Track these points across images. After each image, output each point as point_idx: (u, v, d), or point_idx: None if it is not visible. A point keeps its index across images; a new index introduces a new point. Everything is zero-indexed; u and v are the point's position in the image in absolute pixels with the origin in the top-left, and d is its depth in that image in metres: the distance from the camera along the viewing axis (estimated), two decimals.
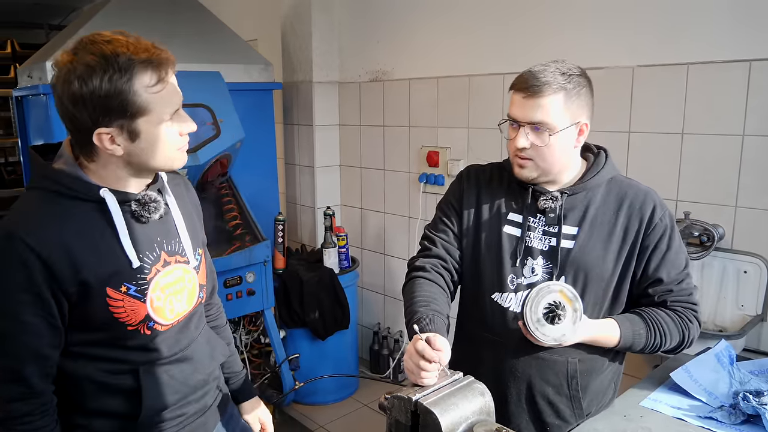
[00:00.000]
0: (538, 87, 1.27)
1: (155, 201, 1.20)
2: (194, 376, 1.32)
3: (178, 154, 1.18)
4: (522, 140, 1.31)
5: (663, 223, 1.36)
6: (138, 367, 1.21)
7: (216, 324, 1.55)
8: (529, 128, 1.30)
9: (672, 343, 1.37)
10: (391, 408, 1.06)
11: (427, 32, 3.09)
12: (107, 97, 1.05)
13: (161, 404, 1.25)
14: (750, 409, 1.34)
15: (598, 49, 2.38)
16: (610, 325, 1.34)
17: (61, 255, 1.09)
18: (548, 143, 1.30)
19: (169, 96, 1.12)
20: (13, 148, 5.49)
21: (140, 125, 1.10)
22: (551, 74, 1.28)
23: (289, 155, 3.84)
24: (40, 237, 1.07)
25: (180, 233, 1.27)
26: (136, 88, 1.07)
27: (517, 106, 1.32)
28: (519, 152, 1.33)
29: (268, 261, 2.93)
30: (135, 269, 1.16)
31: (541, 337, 1.25)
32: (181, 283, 1.26)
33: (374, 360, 3.60)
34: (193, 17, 3.22)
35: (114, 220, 1.14)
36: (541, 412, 1.42)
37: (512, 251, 1.40)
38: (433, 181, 3.12)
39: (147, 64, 1.08)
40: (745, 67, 2.01)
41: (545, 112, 1.28)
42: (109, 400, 1.21)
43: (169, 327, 1.25)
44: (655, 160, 2.27)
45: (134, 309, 1.17)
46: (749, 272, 2.03)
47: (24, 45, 5.41)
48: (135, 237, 1.17)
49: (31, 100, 3.05)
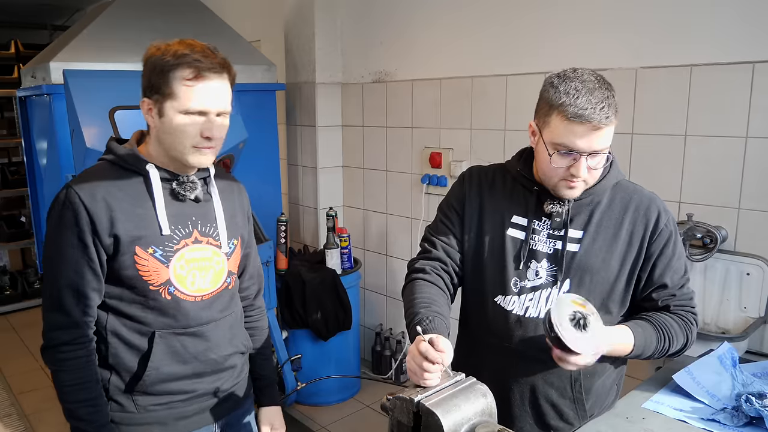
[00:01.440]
0: (608, 118, 1.22)
1: (192, 182, 1.37)
2: (207, 353, 1.42)
3: (193, 151, 1.31)
4: (585, 170, 1.27)
5: (668, 229, 1.36)
6: (155, 331, 1.35)
7: (256, 326, 1.64)
8: (590, 155, 1.27)
9: (677, 346, 1.37)
10: (393, 409, 1.06)
11: (430, 34, 3.09)
12: (151, 72, 1.28)
13: (167, 370, 1.36)
14: (752, 411, 1.33)
15: (602, 50, 2.38)
16: (625, 332, 1.32)
17: (103, 210, 1.28)
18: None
19: (200, 95, 1.28)
20: (16, 148, 5.50)
21: (166, 107, 1.28)
22: (604, 98, 1.23)
23: (292, 156, 3.85)
24: (89, 192, 1.28)
25: (218, 219, 1.42)
26: (176, 75, 1.26)
27: (581, 138, 1.24)
28: (576, 177, 1.29)
29: (271, 262, 2.94)
30: (164, 236, 1.33)
31: (583, 350, 1.17)
32: (209, 262, 1.40)
33: (376, 361, 3.60)
34: (196, 18, 3.23)
35: (153, 190, 1.32)
36: (544, 414, 1.41)
37: (516, 254, 1.39)
38: (435, 183, 3.12)
39: (196, 62, 1.26)
40: (749, 68, 2.01)
41: (608, 137, 1.26)
42: (127, 357, 1.35)
43: (192, 299, 1.38)
44: (658, 162, 2.27)
45: (157, 271, 1.33)
46: (752, 274, 2.02)
47: (28, 45, 5.42)
48: (170, 211, 1.34)
49: (35, 100, 3.06)
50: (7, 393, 3.62)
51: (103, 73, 2.56)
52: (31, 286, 5.11)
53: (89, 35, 2.85)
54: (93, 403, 1.30)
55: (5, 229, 5.12)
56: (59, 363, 1.28)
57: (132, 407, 1.36)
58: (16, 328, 4.69)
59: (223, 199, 1.44)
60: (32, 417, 3.31)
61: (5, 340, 4.44)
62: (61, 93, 2.45)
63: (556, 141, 1.26)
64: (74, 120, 2.31)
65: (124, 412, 1.36)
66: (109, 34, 2.85)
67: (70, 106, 2.35)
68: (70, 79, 2.34)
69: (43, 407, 3.37)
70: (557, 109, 1.24)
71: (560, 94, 1.24)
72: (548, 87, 1.28)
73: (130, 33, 2.85)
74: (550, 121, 1.27)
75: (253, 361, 1.61)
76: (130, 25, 2.90)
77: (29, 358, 4.04)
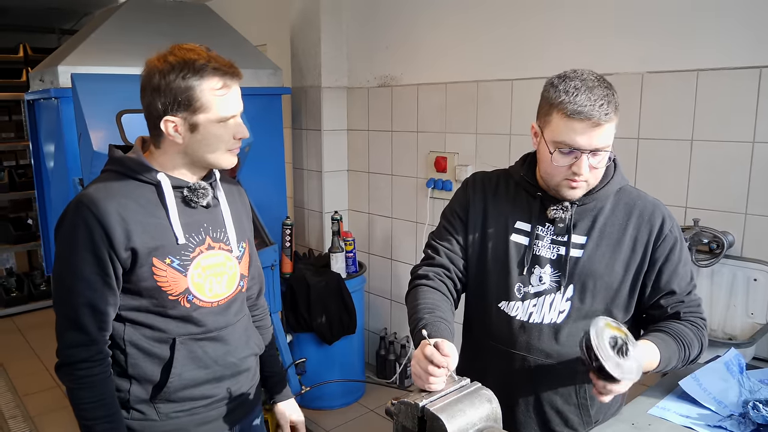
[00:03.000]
0: (609, 115, 1.23)
1: (204, 188, 1.36)
2: (226, 357, 1.43)
3: (227, 155, 1.34)
4: (586, 168, 1.27)
5: (672, 235, 1.35)
6: (175, 337, 1.35)
7: (261, 325, 1.65)
8: (591, 153, 1.27)
9: (695, 353, 1.35)
10: (397, 413, 1.06)
11: (436, 38, 3.10)
12: (177, 91, 1.25)
13: (190, 376, 1.37)
14: (760, 418, 1.33)
15: (608, 55, 2.37)
16: (653, 350, 1.28)
17: (118, 223, 1.25)
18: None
19: (230, 102, 1.29)
20: (24, 151, 5.53)
21: (200, 120, 1.28)
22: (604, 95, 1.23)
23: (297, 160, 3.86)
24: (102, 207, 1.25)
25: (226, 224, 1.42)
26: (203, 87, 1.26)
27: (581, 135, 1.24)
28: (578, 177, 1.29)
29: (276, 265, 2.94)
30: (180, 245, 1.32)
31: (629, 377, 1.13)
32: (222, 268, 1.40)
33: (381, 365, 3.59)
34: (202, 22, 3.24)
35: (166, 200, 1.31)
36: (549, 420, 1.41)
37: (519, 260, 1.39)
38: (440, 187, 3.12)
39: (217, 71, 1.27)
40: (756, 73, 2.00)
41: (609, 135, 1.26)
42: (148, 366, 1.34)
43: (209, 305, 1.38)
44: (664, 167, 2.26)
45: (176, 281, 1.32)
46: (759, 280, 2.01)
47: (36, 49, 5.46)
48: (184, 219, 1.34)
49: (43, 103, 3.08)
50: (12, 395, 3.63)
51: (110, 76, 2.57)
52: (38, 288, 5.13)
53: (97, 39, 2.87)
54: (111, 419, 1.29)
55: (12, 231, 5.15)
56: (77, 380, 1.27)
57: (154, 415, 1.36)
58: (22, 329, 4.71)
59: (229, 203, 1.45)
60: (37, 419, 3.32)
61: (11, 342, 4.45)
62: (69, 96, 2.46)
63: (556, 139, 1.27)
64: (82, 123, 2.33)
65: (146, 421, 1.36)
66: (117, 38, 2.87)
67: (77, 110, 2.36)
68: (77, 83, 2.35)
69: (48, 409, 3.38)
70: (557, 107, 1.25)
71: (560, 93, 1.25)
72: (548, 87, 1.29)
73: (137, 37, 2.87)
74: (550, 120, 1.28)
75: (262, 360, 1.61)
76: (138, 29, 2.92)
77: (35, 360, 4.05)
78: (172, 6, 3.19)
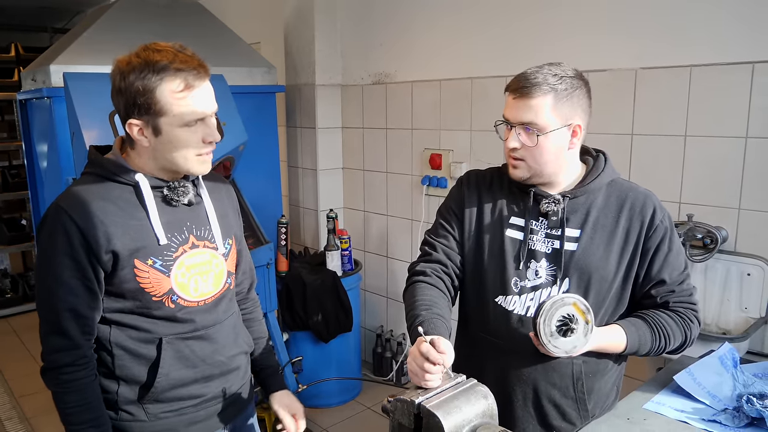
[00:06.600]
0: (528, 88, 1.29)
1: (184, 186, 1.34)
2: (214, 356, 1.41)
3: (196, 159, 1.29)
4: (513, 141, 1.34)
5: (663, 225, 1.36)
6: (162, 337, 1.33)
7: (251, 317, 1.64)
8: (521, 129, 1.32)
9: (675, 344, 1.38)
10: (394, 411, 1.06)
11: (430, 35, 3.10)
12: (137, 93, 1.21)
13: (177, 375, 1.35)
14: (754, 412, 1.33)
15: (601, 51, 2.38)
16: (617, 332, 1.35)
17: (97, 227, 1.23)
18: (538, 144, 1.31)
19: (194, 104, 1.24)
20: (17, 151, 5.50)
21: (162, 124, 1.23)
22: (543, 76, 1.30)
23: (292, 158, 3.85)
24: (81, 211, 1.23)
25: (210, 221, 1.39)
26: (163, 89, 1.21)
27: (509, 107, 1.34)
28: (511, 152, 1.36)
29: (271, 264, 2.94)
30: (162, 246, 1.30)
31: (553, 349, 1.25)
32: (208, 266, 1.38)
33: (377, 363, 3.60)
34: (196, 20, 3.23)
35: (145, 201, 1.29)
36: (547, 414, 1.41)
37: (515, 254, 1.40)
38: (435, 184, 3.12)
39: (179, 71, 1.21)
40: (749, 69, 2.01)
41: (535, 112, 1.30)
42: (135, 367, 1.33)
43: (195, 305, 1.36)
44: (658, 163, 2.27)
45: (159, 281, 1.30)
46: (753, 275, 2.02)
47: (28, 48, 5.42)
48: (165, 218, 1.31)
49: (35, 103, 3.06)
50: (8, 396, 3.62)
51: (103, 76, 2.52)
52: (32, 289, 5.11)
53: (89, 38, 2.85)
54: (97, 423, 1.28)
55: (6, 232, 5.12)
56: (62, 385, 1.26)
57: (143, 416, 1.35)
58: (17, 330, 4.69)
59: (213, 199, 1.42)
60: (33, 420, 3.32)
61: (6, 343, 4.44)
62: (62, 96, 2.45)
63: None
64: (74, 123, 2.32)
65: (135, 422, 1.35)
66: (110, 37, 2.85)
67: (70, 109, 2.35)
68: (70, 82, 2.34)
69: (44, 410, 3.36)
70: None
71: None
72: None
73: (130, 36, 2.85)
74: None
75: (255, 353, 1.60)
76: (131, 28, 2.90)
77: (30, 361, 4.03)
78: (164, 4, 3.17)
